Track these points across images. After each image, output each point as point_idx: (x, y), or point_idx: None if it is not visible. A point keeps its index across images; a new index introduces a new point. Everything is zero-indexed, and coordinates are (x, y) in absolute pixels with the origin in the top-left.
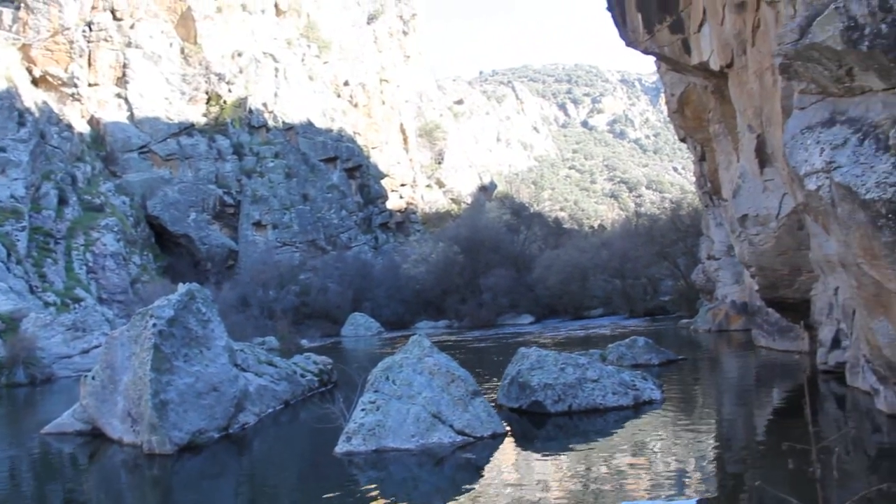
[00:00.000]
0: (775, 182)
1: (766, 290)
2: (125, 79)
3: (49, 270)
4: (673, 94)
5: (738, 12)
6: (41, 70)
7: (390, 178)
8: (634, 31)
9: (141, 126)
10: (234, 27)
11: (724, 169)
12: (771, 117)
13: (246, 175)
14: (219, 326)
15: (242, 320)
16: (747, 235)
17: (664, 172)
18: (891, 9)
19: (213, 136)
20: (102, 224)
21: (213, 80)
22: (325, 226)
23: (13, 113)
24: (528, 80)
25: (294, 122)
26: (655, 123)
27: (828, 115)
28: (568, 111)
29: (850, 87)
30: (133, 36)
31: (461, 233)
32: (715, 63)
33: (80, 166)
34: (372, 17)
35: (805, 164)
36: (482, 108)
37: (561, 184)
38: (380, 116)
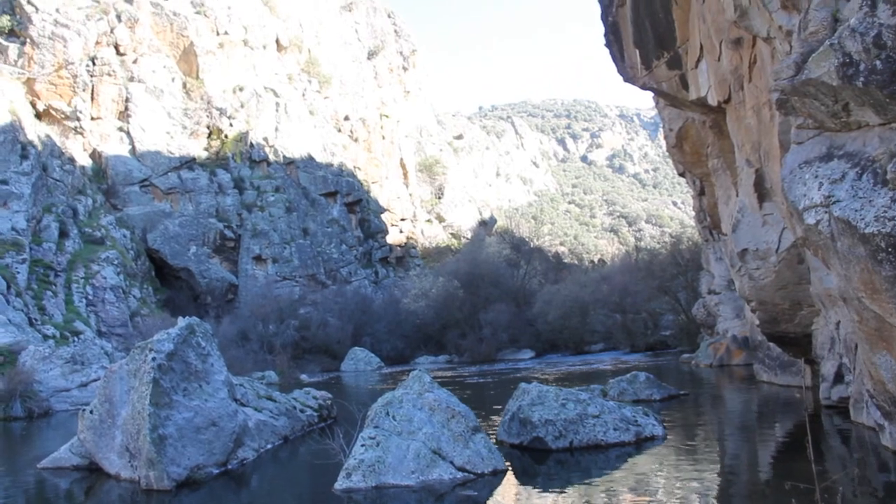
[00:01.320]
0: (774, 216)
1: (766, 324)
2: (127, 113)
3: (49, 303)
4: (671, 129)
5: (734, 48)
6: (45, 104)
7: (390, 213)
8: (633, 67)
9: (142, 160)
10: (236, 62)
11: (723, 203)
12: (769, 152)
13: (246, 209)
14: (218, 361)
15: (242, 354)
16: (747, 270)
17: (663, 207)
18: (884, 45)
19: (214, 170)
20: (103, 257)
21: (215, 115)
22: (325, 260)
23: (16, 146)
24: (528, 116)
25: (295, 157)
26: (654, 158)
27: (825, 150)
28: (567, 146)
29: (846, 122)
30: (136, 70)
31: (461, 267)
32: (713, 98)
33: (81, 199)
34: (372, 52)
35: (804, 198)
36: (482, 143)
37: (561, 218)
38: (380, 151)
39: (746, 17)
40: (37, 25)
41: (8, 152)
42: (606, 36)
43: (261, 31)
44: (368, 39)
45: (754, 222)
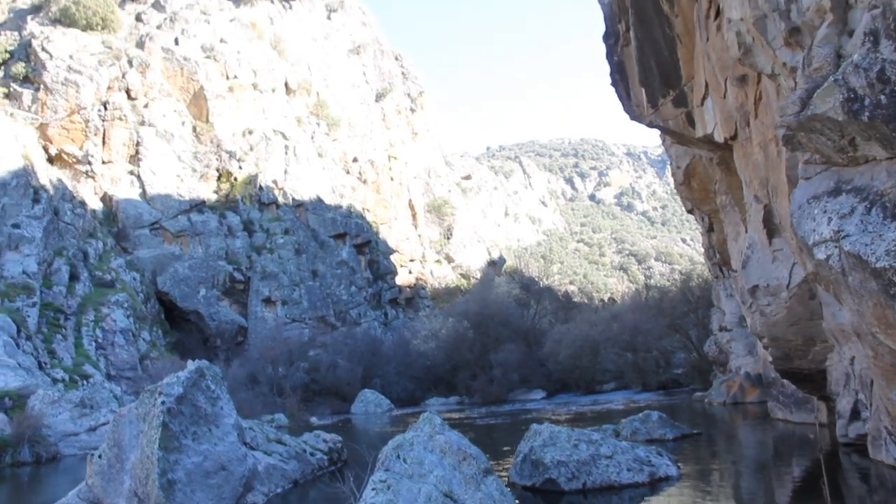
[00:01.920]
0: (784, 252)
1: (779, 361)
2: (138, 156)
3: (58, 346)
4: (679, 167)
5: (739, 86)
6: (57, 148)
7: (399, 254)
8: (639, 106)
9: (153, 203)
10: (245, 106)
11: (732, 240)
12: (777, 188)
13: (256, 251)
14: (228, 404)
15: (252, 397)
16: (758, 306)
17: (673, 244)
18: (888, 80)
19: (224, 213)
20: (112, 300)
21: (224, 158)
22: (335, 302)
23: (28, 190)
24: (535, 155)
25: (304, 199)
26: (662, 195)
27: (833, 185)
28: (575, 185)
29: (853, 157)
30: (146, 115)
31: (471, 308)
32: (719, 135)
33: (91, 242)
34: (380, 94)
35: (813, 233)
36: (490, 183)
37: (570, 257)
38: (388, 192)
39: (750, 55)
40: (50, 72)
41: (20, 196)
42: (612, 75)
43: (270, 75)
44: (376, 82)
45: (764, 258)
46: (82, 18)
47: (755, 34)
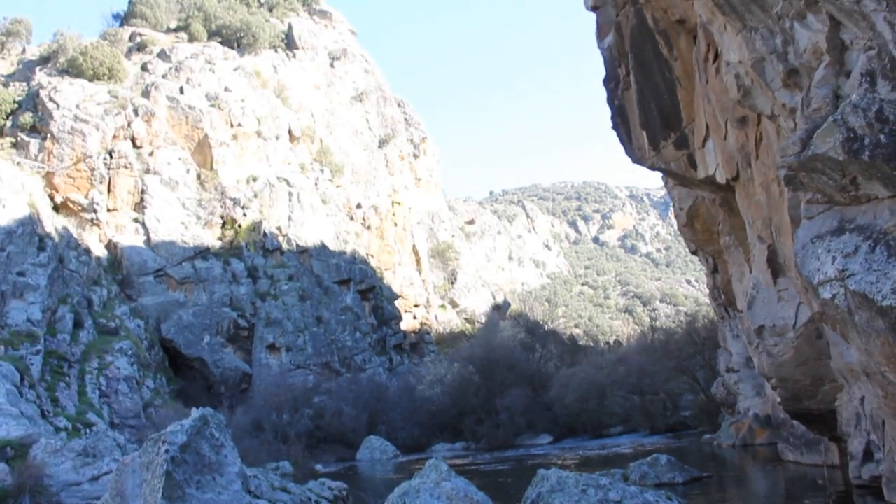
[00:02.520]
0: (790, 292)
1: (788, 401)
2: (143, 204)
3: (62, 395)
4: (682, 208)
5: (740, 127)
6: (63, 196)
7: (404, 299)
8: (640, 149)
9: (157, 250)
10: (250, 153)
11: (737, 280)
12: (780, 227)
13: (260, 298)
14: (232, 452)
15: (256, 445)
16: (765, 347)
17: (677, 285)
18: (887, 119)
19: (228, 260)
20: (116, 347)
21: (229, 205)
22: (339, 348)
23: (34, 238)
24: (538, 199)
25: (308, 245)
26: (666, 237)
27: (836, 224)
28: (579, 228)
29: (856, 196)
30: (151, 163)
31: (476, 352)
32: (721, 177)
33: (96, 290)
34: (383, 140)
35: (818, 273)
36: (493, 227)
37: (575, 300)
38: (392, 238)
39: (750, 97)
40: (57, 121)
41: (26, 244)
42: (613, 119)
43: (273, 123)
44: (379, 128)
45: (769, 298)
46: (89, 69)
47: (754, 76)
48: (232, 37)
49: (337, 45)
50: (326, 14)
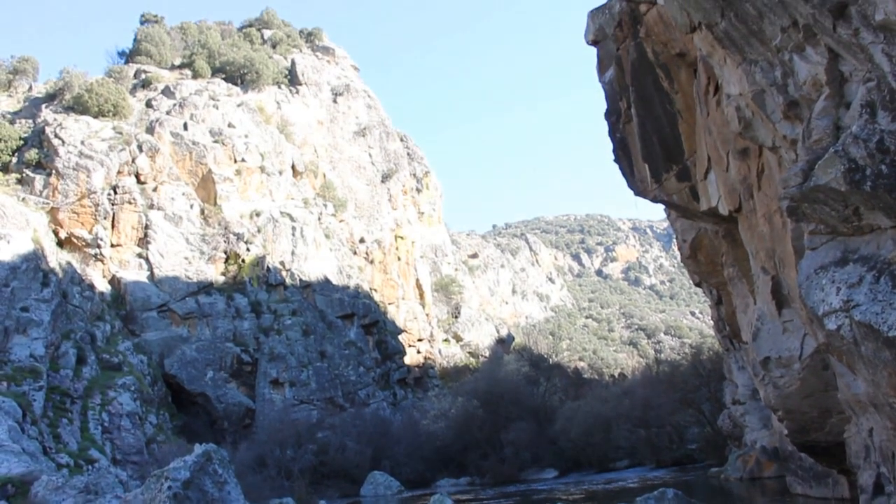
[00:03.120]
0: (794, 323)
1: (796, 434)
2: (147, 239)
3: (64, 431)
4: (685, 240)
5: (741, 159)
6: (67, 232)
7: (407, 334)
8: (643, 181)
9: (160, 285)
10: (253, 188)
11: (741, 312)
12: (784, 259)
13: (263, 333)
14: (235, 488)
15: (259, 481)
16: (771, 378)
17: (682, 317)
18: (888, 150)
19: (232, 295)
20: (119, 383)
21: (232, 240)
22: (343, 383)
23: (38, 274)
24: (542, 232)
25: (311, 280)
26: (669, 269)
27: (840, 254)
28: (582, 261)
29: (858, 226)
30: (155, 198)
31: (480, 386)
32: (723, 208)
33: (99, 325)
34: (386, 175)
35: (822, 303)
36: (497, 261)
37: (579, 333)
38: (396, 272)
39: (751, 129)
40: (62, 157)
41: (30, 280)
42: (615, 152)
43: (277, 158)
44: (382, 163)
45: (774, 330)
46: (94, 106)
47: (754, 108)
48: (235, 73)
49: (340, 81)
50: (329, 50)
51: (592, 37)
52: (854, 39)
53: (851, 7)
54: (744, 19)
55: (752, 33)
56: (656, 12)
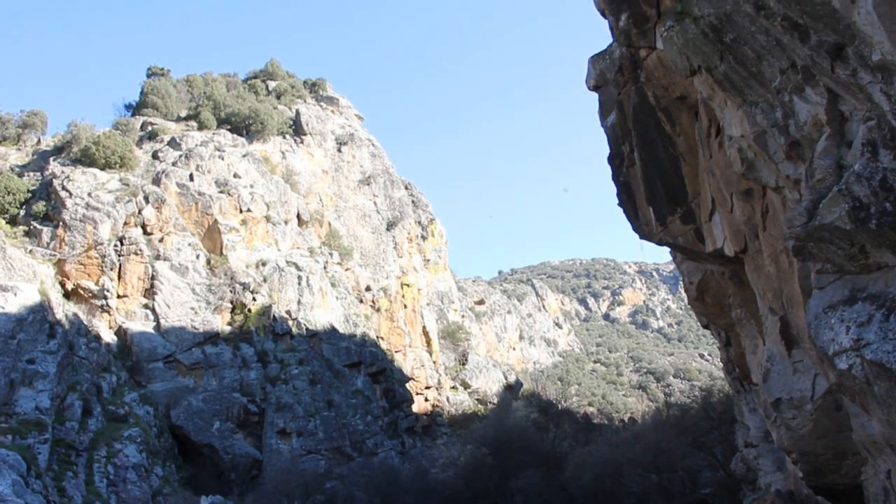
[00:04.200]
0: (805, 363)
1: (811, 476)
2: (153, 290)
3: (69, 484)
4: (691, 283)
5: (745, 200)
6: (74, 283)
7: (415, 382)
8: (647, 224)
9: (167, 336)
10: (259, 238)
11: (750, 353)
12: (791, 298)
13: (270, 383)
14: None
15: None
16: (783, 420)
17: (691, 360)
18: (891, 188)
19: (238, 345)
20: (125, 435)
21: (238, 290)
22: (351, 432)
23: (44, 326)
24: (548, 277)
25: (317, 329)
26: (677, 312)
27: (848, 293)
28: (589, 305)
29: (865, 264)
30: (162, 249)
31: (489, 434)
32: (729, 250)
33: (105, 377)
34: (391, 223)
35: (833, 343)
36: (503, 307)
37: (587, 378)
38: (402, 320)
39: (754, 170)
40: (69, 209)
41: (36, 332)
42: (619, 195)
43: (282, 208)
44: (387, 211)
45: (785, 370)
46: (101, 158)
47: (756, 150)
48: (241, 124)
49: (344, 130)
50: (333, 100)
51: (594, 82)
52: (852, 79)
53: (848, 48)
54: (743, 62)
55: (752, 75)
56: (656, 57)
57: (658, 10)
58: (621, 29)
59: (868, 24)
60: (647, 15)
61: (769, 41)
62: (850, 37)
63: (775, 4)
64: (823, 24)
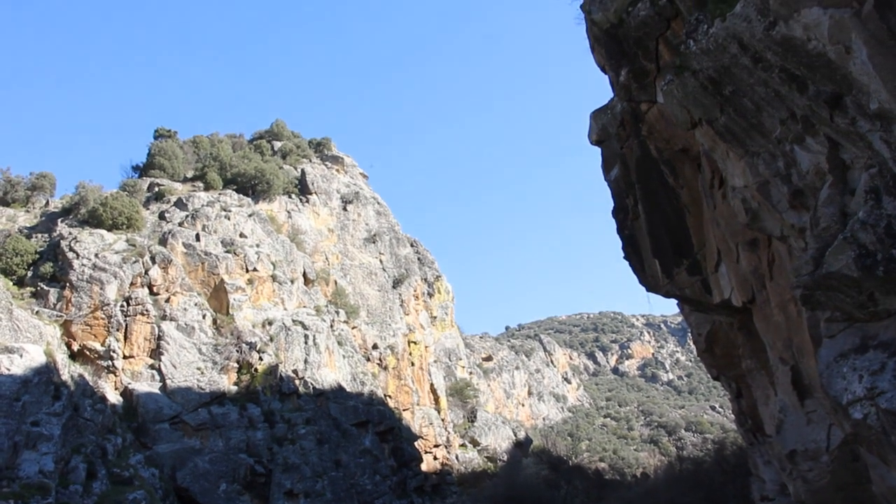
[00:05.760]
0: (818, 413)
1: None
2: (159, 350)
3: None
4: (700, 334)
5: (751, 250)
6: (80, 344)
7: (423, 440)
8: (654, 277)
9: (173, 396)
10: (265, 297)
11: (762, 404)
12: (801, 348)
13: (277, 443)
14: None
15: None
16: (799, 472)
17: (702, 412)
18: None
19: (245, 405)
20: (130, 498)
21: (245, 349)
22: (359, 492)
23: (50, 387)
24: (555, 332)
25: (324, 388)
26: (686, 364)
27: (859, 341)
28: (597, 359)
29: (875, 312)
30: (168, 309)
31: (499, 492)
32: (736, 300)
33: (110, 438)
34: (397, 280)
35: (846, 392)
36: (511, 362)
37: (597, 434)
38: (410, 378)
39: (758, 220)
40: (76, 270)
41: (41, 393)
42: (625, 249)
43: (288, 266)
44: (393, 268)
45: (798, 421)
46: (109, 219)
47: (760, 200)
48: (247, 184)
49: (349, 189)
50: (338, 159)
51: (596, 137)
52: (852, 128)
53: (846, 97)
54: (743, 114)
55: (752, 126)
56: (657, 110)
57: (657, 64)
58: (622, 84)
59: (864, 74)
60: (646, 69)
61: (768, 92)
62: (847, 86)
63: (772, 57)
64: (820, 74)
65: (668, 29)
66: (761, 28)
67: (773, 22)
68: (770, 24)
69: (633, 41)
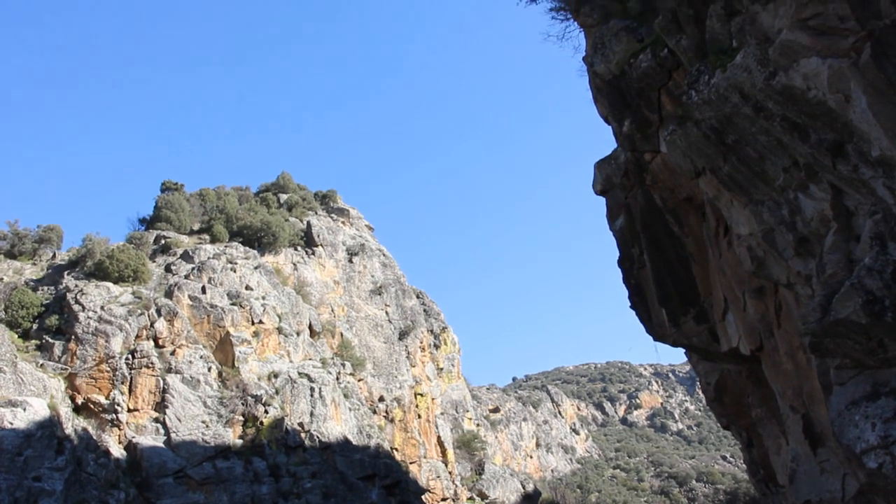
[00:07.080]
0: (832, 462)
1: None
2: (164, 403)
3: None
4: (708, 383)
5: (758, 297)
6: (84, 397)
7: (431, 493)
8: (661, 326)
9: (177, 450)
10: (270, 349)
11: (774, 454)
12: (812, 395)
13: (283, 497)
14: None
15: None
16: None
17: (713, 462)
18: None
19: (250, 458)
20: None
21: (250, 402)
22: None
23: (52, 441)
24: (563, 383)
25: (331, 441)
26: (696, 413)
27: (870, 388)
28: (605, 410)
29: (885, 358)
30: (173, 362)
31: None
32: (745, 348)
33: (114, 493)
34: (403, 332)
35: (859, 441)
36: (519, 414)
37: (607, 485)
38: (416, 430)
39: (764, 268)
40: (82, 323)
41: (44, 448)
42: (631, 298)
43: (294, 319)
44: (399, 320)
45: (811, 471)
46: (115, 271)
47: (765, 247)
48: (253, 236)
49: (355, 241)
50: (344, 212)
51: (600, 187)
52: (854, 175)
53: (848, 145)
54: (746, 162)
55: (756, 175)
56: (661, 160)
57: (660, 114)
58: (625, 134)
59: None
60: (649, 120)
61: (770, 141)
62: (849, 134)
63: (773, 106)
64: (821, 122)
65: (670, 80)
66: (762, 78)
67: (773, 72)
68: (770, 74)
69: (636, 92)
